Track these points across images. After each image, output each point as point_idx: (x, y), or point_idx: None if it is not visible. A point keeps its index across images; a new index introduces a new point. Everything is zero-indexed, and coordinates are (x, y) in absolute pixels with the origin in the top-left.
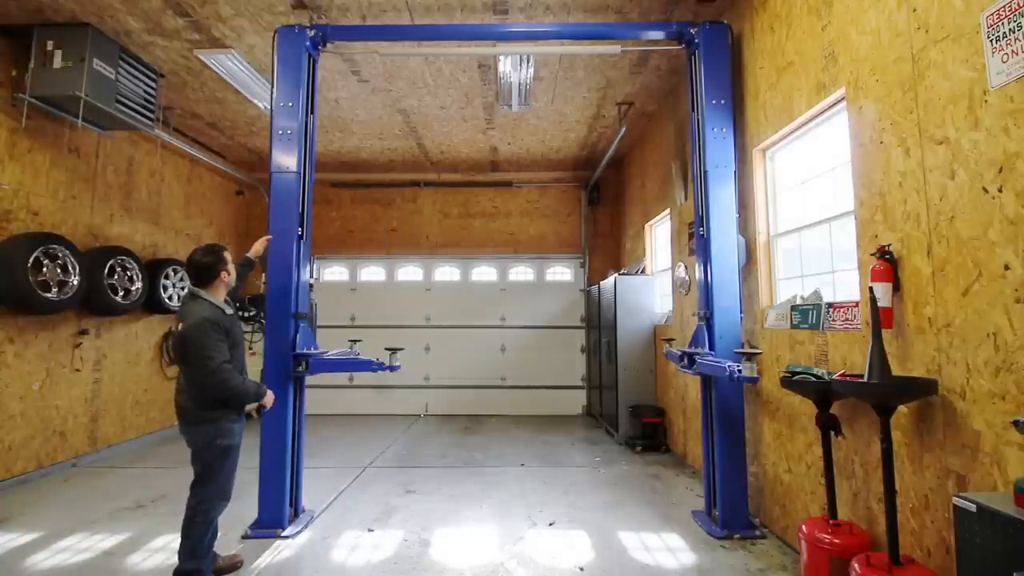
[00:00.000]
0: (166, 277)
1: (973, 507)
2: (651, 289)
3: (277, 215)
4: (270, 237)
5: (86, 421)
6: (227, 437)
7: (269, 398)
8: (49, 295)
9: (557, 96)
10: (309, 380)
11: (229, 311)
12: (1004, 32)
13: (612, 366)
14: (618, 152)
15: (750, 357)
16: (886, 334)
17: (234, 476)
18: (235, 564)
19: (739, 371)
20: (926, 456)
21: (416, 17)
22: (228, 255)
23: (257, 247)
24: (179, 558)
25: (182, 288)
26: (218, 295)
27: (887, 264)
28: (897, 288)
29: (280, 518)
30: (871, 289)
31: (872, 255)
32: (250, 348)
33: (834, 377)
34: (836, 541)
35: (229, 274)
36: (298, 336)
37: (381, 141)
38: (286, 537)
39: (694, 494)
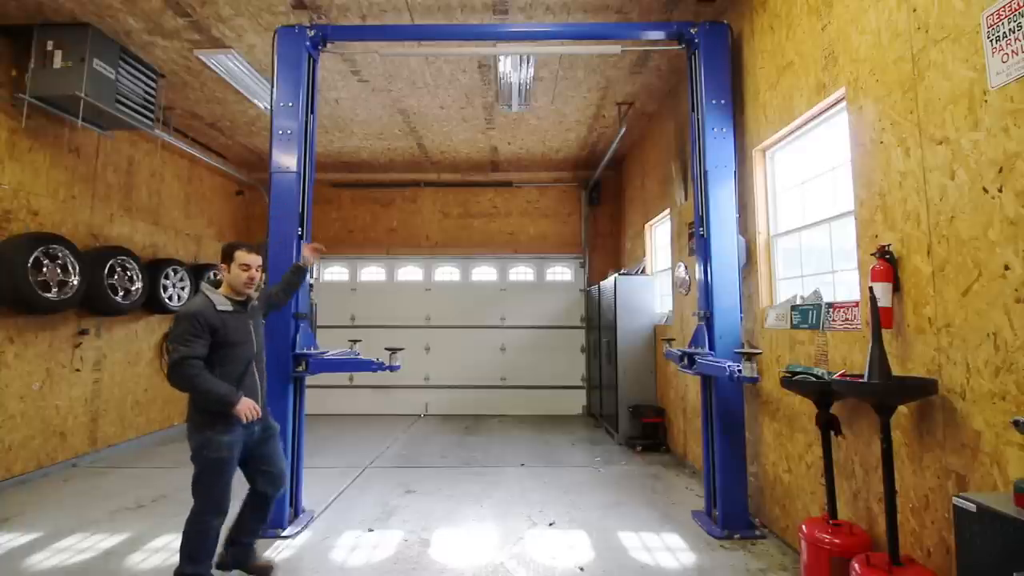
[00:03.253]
0: (166, 277)
1: (973, 507)
2: (651, 289)
3: (277, 215)
4: (321, 247)
5: (86, 421)
6: (214, 449)
7: (242, 408)
8: (49, 295)
9: (557, 96)
10: (309, 380)
11: (226, 307)
12: (1004, 32)
13: (612, 366)
14: (618, 152)
15: (750, 357)
16: (886, 334)
17: (228, 490)
18: (266, 569)
19: (739, 371)
20: (926, 456)
21: (416, 17)
22: (240, 253)
23: (307, 255)
24: (179, 559)
25: (182, 288)
26: (224, 290)
27: (887, 264)
28: (897, 288)
29: (280, 518)
30: (871, 289)
31: (872, 255)
32: None
33: (834, 377)
34: (836, 541)
35: (229, 271)
36: (298, 336)
37: (381, 141)
38: (286, 537)
39: (694, 494)
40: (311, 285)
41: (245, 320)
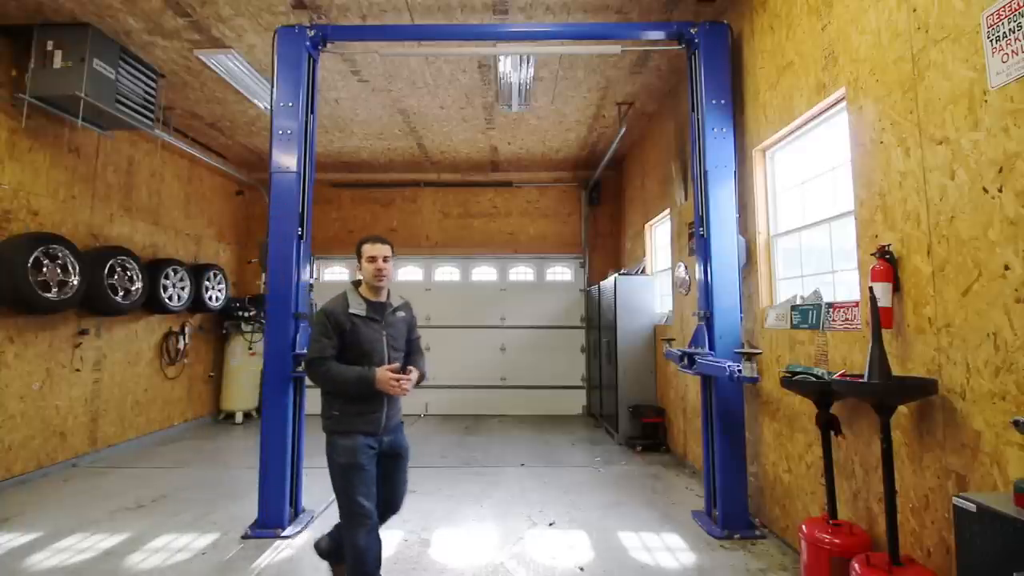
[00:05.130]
0: (166, 277)
1: (973, 507)
2: (651, 289)
3: (277, 215)
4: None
5: (86, 421)
6: (338, 453)
7: (381, 378)
8: (49, 295)
9: (557, 96)
10: (309, 380)
11: (358, 311)
12: (1004, 32)
13: (612, 366)
14: (618, 152)
15: (750, 357)
16: (886, 334)
17: (361, 496)
18: None
19: (739, 371)
20: (926, 456)
21: (416, 17)
22: (365, 247)
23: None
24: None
25: (182, 288)
26: (362, 291)
27: (887, 264)
28: (897, 288)
29: (280, 518)
30: (871, 289)
31: (872, 255)
32: (250, 348)
33: (834, 377)
34: (836, 541)
35: (361, 268)
36: (298, 336)
37: (381, 141)
38: (286, 537)
39: (694, 494)
40: (311, 285)
41: (378, 328)
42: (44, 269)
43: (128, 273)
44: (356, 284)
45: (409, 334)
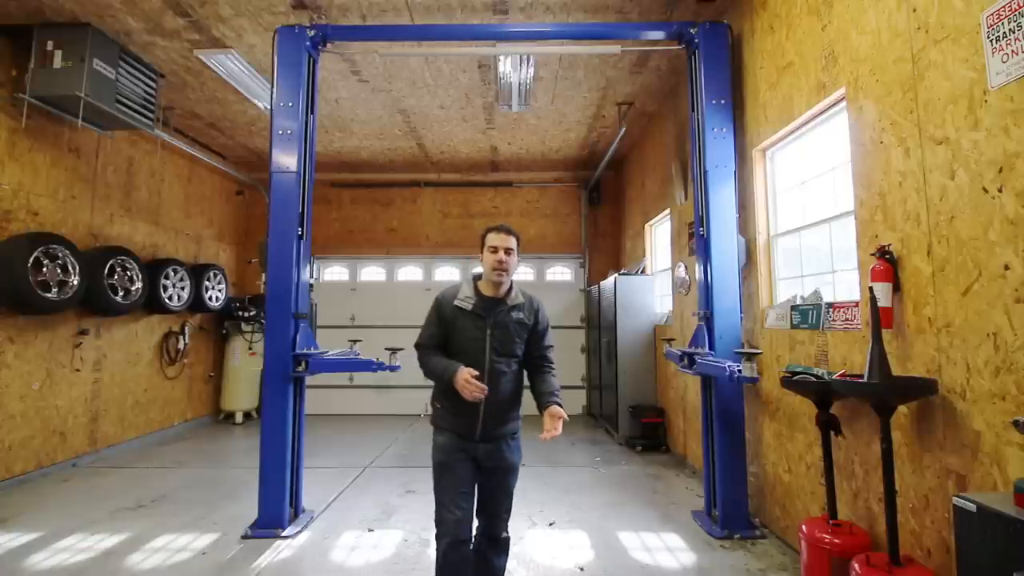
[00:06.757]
0: (166, 277)
1: (973, 507)
2: (651, 289)
3: (277, 215)
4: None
5: (86, 421)
6: (434, 450)
7: (459, 378)
8: (49, 295)
9: (557, 96)
10: (309, 380)
11: (464, 303)
12: (1004, 32)
13: (612, 366)
14: (618, 152)
15: (750, 357)
16: (886, 334)
17: (447, 501)
18: None
19: (739, 371)
20: (926, 456)
21: (416, 17)
22: (489, 235)
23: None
24: None
25: (182, 288)
26: (481, 284)
27: (887, 264)
28: (897, 288)
29: (280, 518)
30: (871, 289)
31: (872, 255)
32: (250, 348)
33: (834, 377)
34: (836, 541)
35: (483, 258)
36: (298, 336)
37: (381, 141)
38: (286, 537)
39: (694, 494)
40: (311, 285)
41: (482, 326)
42: (44, 269)
43: (128, 273)
44: (478, 276)
45: (532, 342)
